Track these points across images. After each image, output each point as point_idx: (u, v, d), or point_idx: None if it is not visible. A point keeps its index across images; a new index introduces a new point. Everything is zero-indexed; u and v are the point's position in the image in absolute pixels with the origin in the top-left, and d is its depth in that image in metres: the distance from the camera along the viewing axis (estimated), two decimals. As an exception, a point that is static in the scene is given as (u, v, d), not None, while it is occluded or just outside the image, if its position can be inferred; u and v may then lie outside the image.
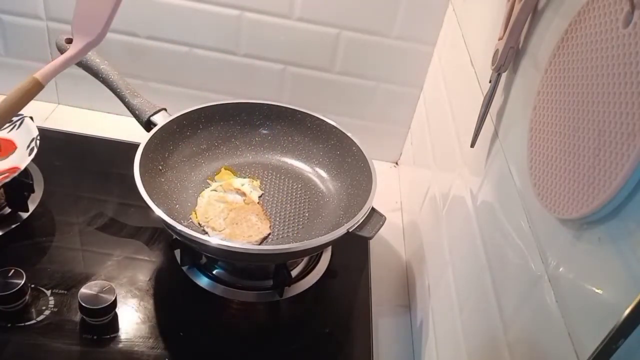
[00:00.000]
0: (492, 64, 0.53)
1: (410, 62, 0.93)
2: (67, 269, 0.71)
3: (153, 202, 0.66)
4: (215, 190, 0.80)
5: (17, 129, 0.81)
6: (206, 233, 0.74)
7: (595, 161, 0.33)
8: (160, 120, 0.78)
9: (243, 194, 0.80)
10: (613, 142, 0.31)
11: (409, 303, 0.80)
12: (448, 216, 0.68)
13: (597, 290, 0.33)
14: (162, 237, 0.78)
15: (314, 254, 0.80)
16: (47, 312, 0.65)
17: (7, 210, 0.77)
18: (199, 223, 0.75)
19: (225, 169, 0.85)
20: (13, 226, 0.76)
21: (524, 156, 0.44)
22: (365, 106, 1.00)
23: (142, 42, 0.95)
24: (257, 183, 0.83)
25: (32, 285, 0.67)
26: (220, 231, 0.74)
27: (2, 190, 0.77)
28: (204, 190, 0.81)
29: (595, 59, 0.35)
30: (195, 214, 0.77)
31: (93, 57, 0.78)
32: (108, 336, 0.64)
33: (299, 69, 0.96)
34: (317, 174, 0.87)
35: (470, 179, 0.61)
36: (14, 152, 0.78)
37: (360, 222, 0.68)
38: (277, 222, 0.78)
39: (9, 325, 0.63)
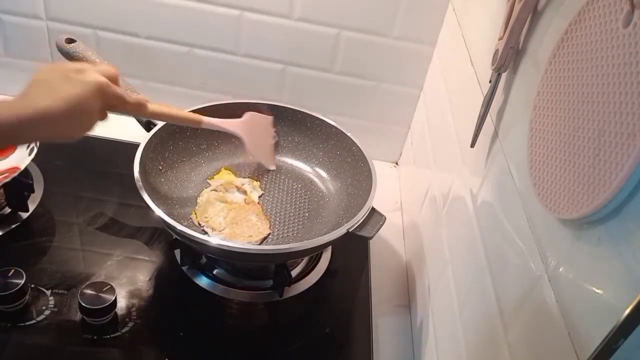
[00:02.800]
0: (492, 64, 0.53)
1: (410, 62, 0.93)
2: (67, 269, 0.71)
3: (153, 202, 0.66)
4: (216, 190, 0.80)
5: (17, 129, 0.81)
6: (206, 233, 0.74)
7: (595, 161, 0.33)
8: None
9: (244, 192, 0.81)
10: (613, 142, 0.31)
11: (409, 303, 0.80)
12: (448, 216, 0.68)
13: (597, 290, 0.33)
14: (162, 237, 0.78)
15: (314, 254, 0.80)
16: (47, 312, 0.65)
17: (7, 210, 0.77)
18: (198, 223, 0.75)
19: (225, 169, 0.85)
20: (13, 226, 0.76)
21: (524, 156, 0.44)
22: (365, 106, 1.00)
23: (142, 42, 0.95)
24: (257, 183, 0.83)
25: (32, 285, 0.67)
26: (220, 231, 0.74)
27: (2, 190, 0.77)
28: (203, 190, 0.81)
29: (595, 59, 0.35)
30: (195, 213, 0.77)
31: (93, 57, 0.78)
32: (108, 336, 0.64)
33: (299, 69, 0.96)
34: (317, 174, 0.87)
35: (470, 179, 0.61)
36: (14, 152, 0.79)
37: (361, 222, 0.68)
38: (277, 222, 0.78)
39: (9, 325, 0.63)
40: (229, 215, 0.76)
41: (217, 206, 0.78)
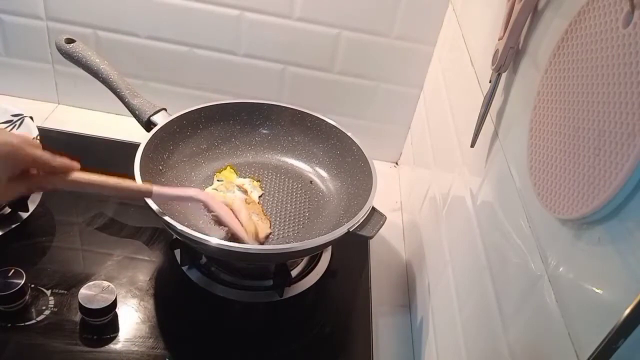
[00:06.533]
0: (492, 64, 0.53)
1: (410, 62, 0.93)
2: (67, 269, 0.71)
3: (153, 202, 0.66)
4: (216, 190, 0.80)
5: (17, 129, 0.81)
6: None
7: (595, 161, 0.33)
8: (160, 120, 0.78)
9: (245, 192, 0.81)
10: (613, 142, 0.31)
11: (409, 303, 0.80)
12: (448, 216, 0.68)
13: (597, 290, 0.33)
14: (162, 237, 0.78)
15: (314, 253, 0.80)
16: (47, 312, 0.65)
17: (7, 210, 0.77)
18: None
19: (230, 167, 0.85)
20: (13, 226, 0.76)
21: (524, 156, 0.44)
22: (365, 106, 1.00)
23: (142, 42, 0.95)
24: (257, 183, 0.83)
25: (32, 285, 0.67)
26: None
27: (2, 190, 0.77)
28: (205, 189, 0.81)
29: (595, 59, 0.35)
30: None
31: (93, 57, 0.78)
32: (108, 336, 0.64)
33: (299, 69, 0.96)
34: (318, 174, 0.86)
35: (470, 179, 0.61)
36: (14, 152, 0.78)
37: (361, 221, 0.68)
38: (277, 222, 0.78)
39: (9, 325, 0.63)
40: (229, 215, 0.76)
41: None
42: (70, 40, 0.78)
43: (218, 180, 0.83)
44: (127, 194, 0.66)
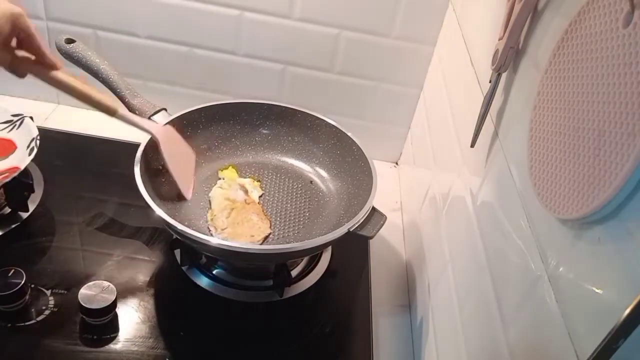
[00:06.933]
0: (492, 64, 0.53)
1: (410, 62, 0.93)
2: (67, 269, 0.71)
3: (153, 202, 0.66)
4: (221, 188, 0.81)
5: (17, 129, 0.81)
6: (210, 232, 0.74)
7: (595, 161, 0.33)
8: (161, 120, 0.78)
9: (245, 191, 0.81)
10: (613, 142, 0.31)
11: (409, 303, 0.80)
12: (448, 216, 0.68)
13: (597, 290, 0.33)
14: (162, 237, 0.78)
15: (315, 253, 0.80)
16: (47, 312, 0.65)
17: (7, 210, 0.77)
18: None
19: (232, 167, 0.85)
20: (13, 226, 0.76)
21: (524, 156, 0.44)
22: (365, 106, 1.00)
23: (142, 42, 0.95)
24: (257, 183, 0.84)
25: (32, 285, 0.67)
26: (222, 230, 0.74)
27: (2, 190, 0.77)
28: (213, 186, 0.81)
29: (595, 59, 0.35)
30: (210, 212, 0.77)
31: (93, 57, 0.78)
32: (108, 336, 0.64)
33: (299, 69, 0.96)
34: (318, 174, 0.87)
35: (470, 179, 0.61)
36: (14, 152, 0.79)
37: (361, 221, 0.68)
38: (277, 222, 0.78)
39: (9, 325, 0.63)
40: (230, 214, 0.77)
41: (221, 204, 0.78)
42: (70, 40, 0.78)
43: (219, 179, 0.83)
44: (93, 105, 0.68)
